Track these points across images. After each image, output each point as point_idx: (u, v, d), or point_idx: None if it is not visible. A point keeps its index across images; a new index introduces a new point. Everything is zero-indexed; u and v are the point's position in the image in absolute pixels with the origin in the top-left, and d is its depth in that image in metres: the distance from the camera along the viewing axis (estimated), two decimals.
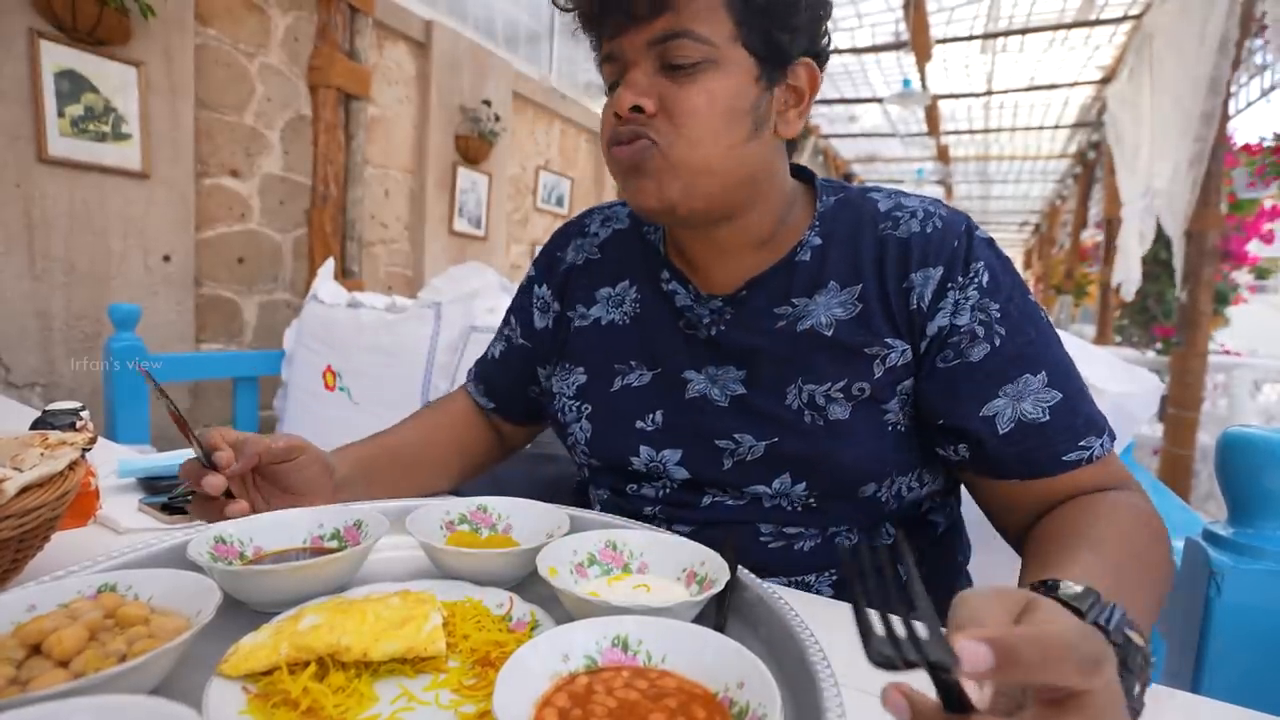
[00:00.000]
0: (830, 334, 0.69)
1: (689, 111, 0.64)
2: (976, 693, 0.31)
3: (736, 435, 0.71)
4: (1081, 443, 0.64)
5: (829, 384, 0.68)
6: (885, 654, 0.28)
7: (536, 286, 0.90)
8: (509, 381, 0.93)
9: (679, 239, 0.77)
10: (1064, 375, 0.65)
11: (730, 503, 0.73)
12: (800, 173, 0.78)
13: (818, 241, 0.73)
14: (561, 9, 0.68)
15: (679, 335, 0.77)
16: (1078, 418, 0.64)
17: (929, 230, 0.69)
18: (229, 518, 0.63)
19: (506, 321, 0.94)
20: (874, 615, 0.30)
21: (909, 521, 0.75)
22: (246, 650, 0.42)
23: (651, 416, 0.76)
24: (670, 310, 0.78)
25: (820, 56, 0.71)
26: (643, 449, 0.76)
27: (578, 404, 0.80)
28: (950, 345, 0.66)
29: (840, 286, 0.70)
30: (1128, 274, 4.62)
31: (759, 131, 0.67)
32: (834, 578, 0.72)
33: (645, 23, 0.63)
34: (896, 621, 0.30)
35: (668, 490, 0.76)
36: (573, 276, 0.86)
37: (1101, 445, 0.64)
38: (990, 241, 0.70)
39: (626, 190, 0.69)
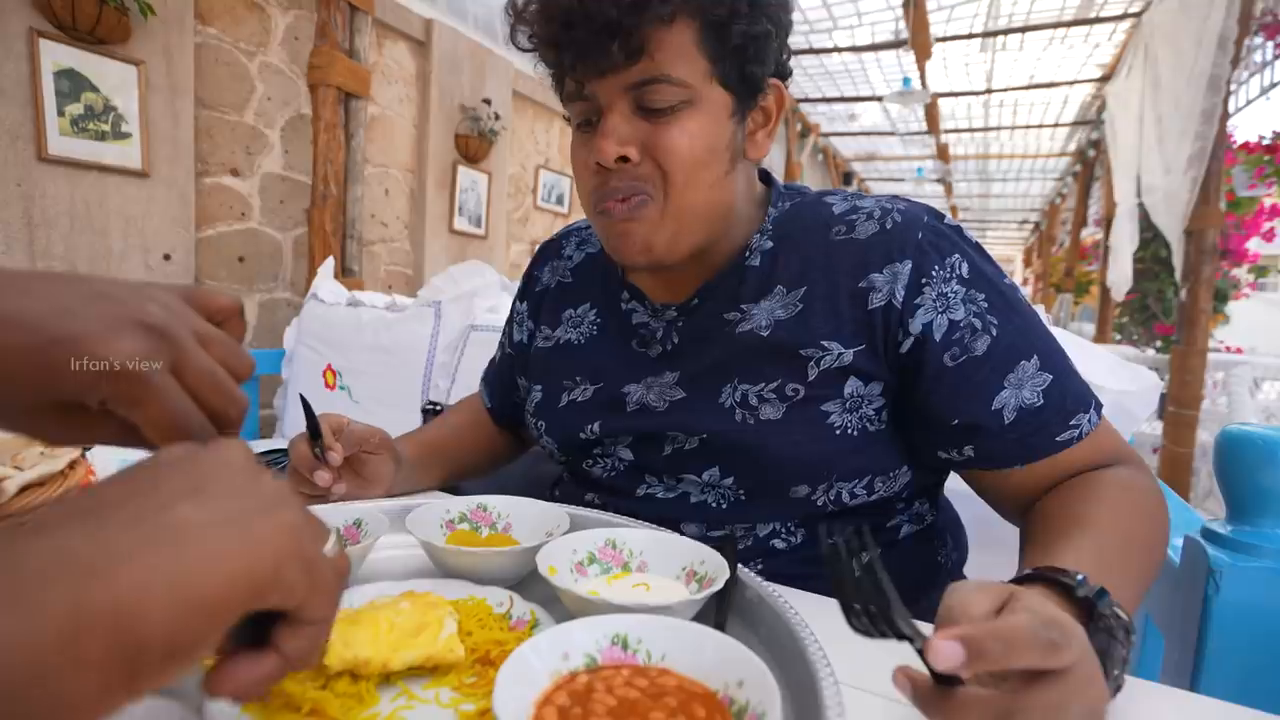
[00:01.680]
0: (767, 334, 0.69)
1: (673, 152, 0.64)
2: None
3: (670, 432, 0.72)
4: (1071, 421, 0.64)
5: (762, 384, 0.68)
6: (863, 625, 0.35)
7: (517, 302, 0.95)
8: (502, 388, 0.99)
9: None
10: (1053, 355, 0.66)
11: (661, 496, 0.74)
12: (762, 177, 0.79)
13: (769, 245, 0.72)
14: (522, 50, 0.67)
15: (629, 353, 0.78)
16: (1067, 396, 0.64)
17: (888, 226, 0.68)
18: (325, 496, 0.73)
19: (503, 331, 1.00)
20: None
21: (872, 528, 0.74)
22: None
23: (590, 428, 0.78)
24: (627, 330, 0.79)
25: (785, 74, 0.71)
26: (595, 450, 0.79)
27: (535, 421, 0.84)
28: (955, 343, 0.64)
29: (786, 290, 0.70)
30: (1119, 273, 4.61)
31: (736, 163, 0.68)
32: (760, 566, 0.70)
33: (620, 69, 0.62)
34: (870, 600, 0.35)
35: (613, 474, 0.78)
36: (545, 299, 0.90)
37: (1089, 420, 0.64)
38: (959, 229, 0.69)
39: (611, 243, 0.70)
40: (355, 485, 0.78)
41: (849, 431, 0.68)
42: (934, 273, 0.65)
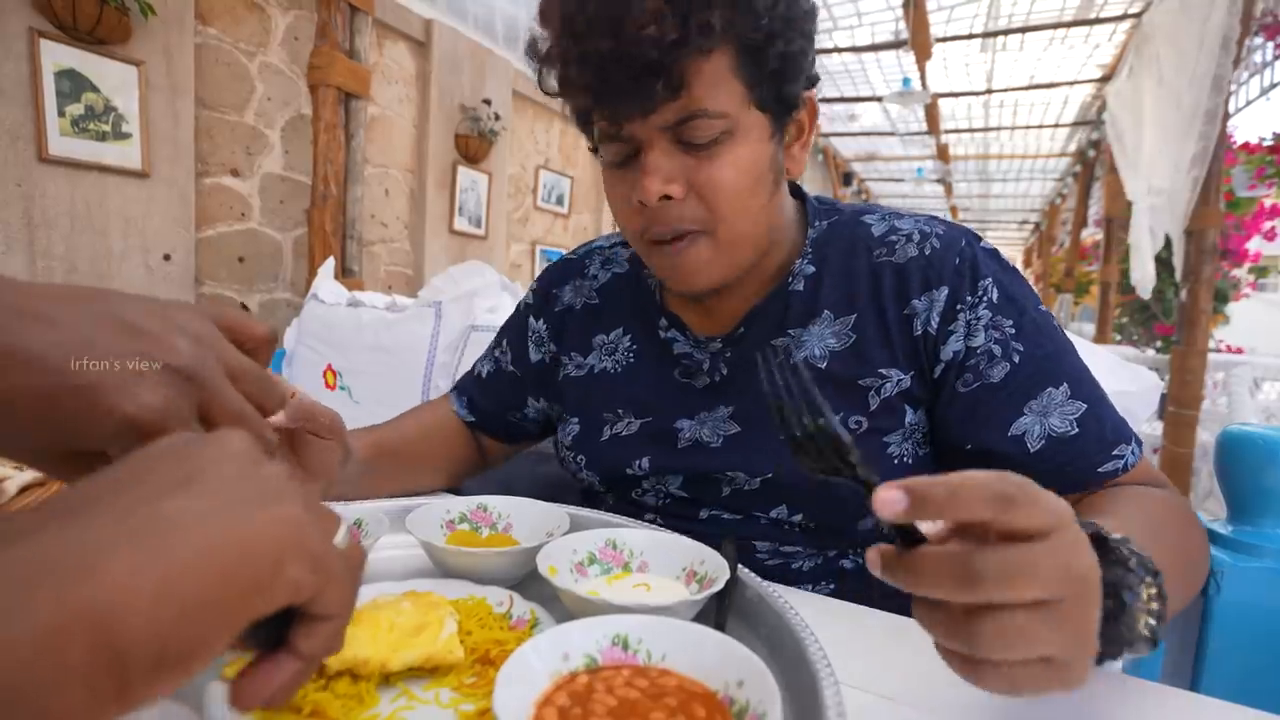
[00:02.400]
0: (824, 366, 0.68)
1: (719, 188, 0.62)
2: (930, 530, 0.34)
3: (729, 472, 0.71)
4: (1114, 452, 0.63)
5: None
6: (810, 458, 0.37)
7: (532, 319, 0.89)
8: (491, 403, 0.92)
9: None
10: (1085, 384, 0.64)
11: (728, 517, 0.73)
12: (793, 191, 0.78)
13: (811, 269, 0.72)
14: (549, 94, 0.65)
15: (673, 384, 0.76)
16: (1105, 427, 0.63)
17: (928, 251, 0.68)
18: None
19: (498, 343, 0.93)
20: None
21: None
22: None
23: (639, 463, 0.75)
24: (668, 359, 0.77)
25: (813, 80, 0.68)
26: (644, 483, 0.77)
27: (573, 455, 0.81)
28: (969, 369, 0.64)
29: (834, 316, 0.70)
30: (1144, 271, 4.57)
31: (779, 184, 0.68)
32: (831, 587, 0.71)
33: (658, 108, 0.60)
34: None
35: (667, 501, 0.76)
36: (570, 321, 0.86)
37: (1133, 452, 0.63)
38: (995, 253, 0.69)
39: (665, 274, 0.68)
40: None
41: (905, 460, 0.68)
42: (967, 299, 0.65)
